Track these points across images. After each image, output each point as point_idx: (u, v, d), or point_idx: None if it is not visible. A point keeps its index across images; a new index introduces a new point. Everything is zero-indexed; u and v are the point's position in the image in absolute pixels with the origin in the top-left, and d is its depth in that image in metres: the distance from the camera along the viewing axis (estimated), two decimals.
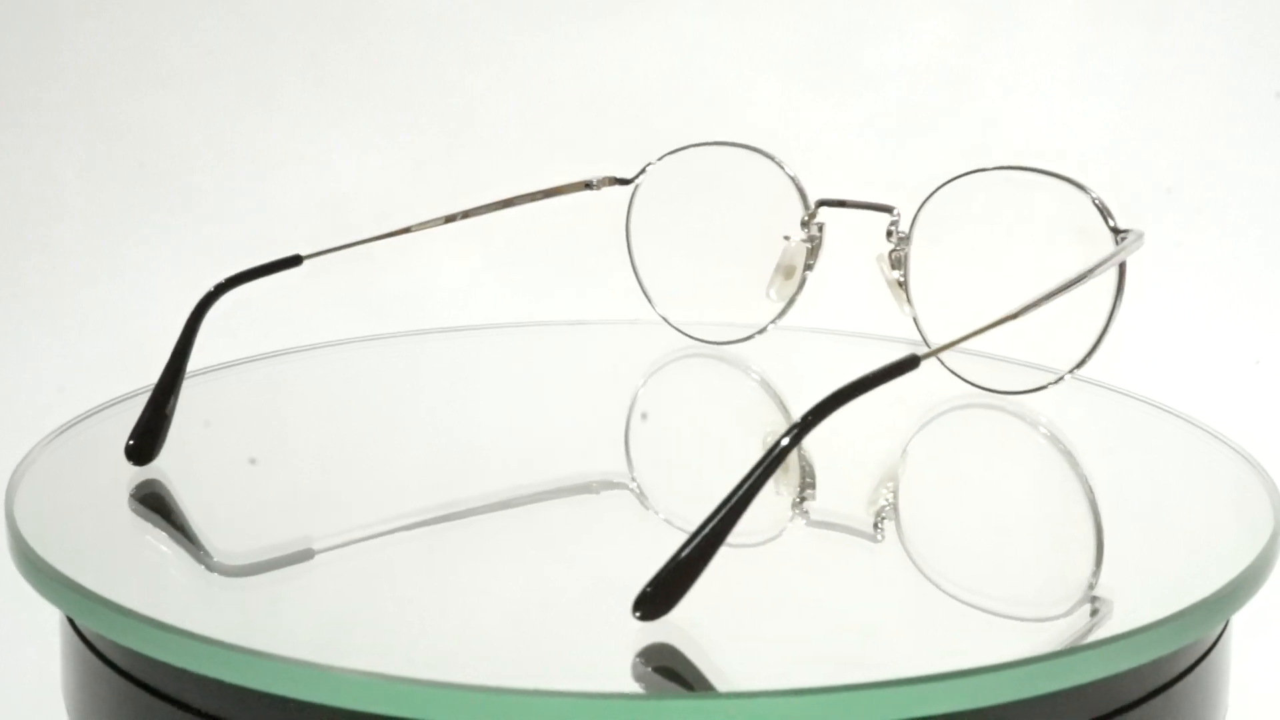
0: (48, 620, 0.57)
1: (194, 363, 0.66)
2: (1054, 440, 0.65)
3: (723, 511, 0.48)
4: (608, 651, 0.50)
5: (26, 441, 0.61)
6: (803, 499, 0.60)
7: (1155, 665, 0.50)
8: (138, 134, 1.08)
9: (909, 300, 0.66)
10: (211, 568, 0.55)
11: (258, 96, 1.07)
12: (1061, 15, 1.04)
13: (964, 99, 1.04)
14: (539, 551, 0.57)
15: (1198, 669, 0.52)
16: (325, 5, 1.08)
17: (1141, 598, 0.53)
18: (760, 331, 0.71)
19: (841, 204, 0.69)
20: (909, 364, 0.51)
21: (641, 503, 0.62)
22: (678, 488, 0.63)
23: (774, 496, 0.60)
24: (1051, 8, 1.04)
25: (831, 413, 0.49)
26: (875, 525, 0.58)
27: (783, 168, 0.70)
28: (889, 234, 0.67)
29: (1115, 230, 0.61)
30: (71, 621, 0.53)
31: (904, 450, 0.65)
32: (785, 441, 0.48)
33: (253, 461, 0.65)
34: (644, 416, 0.70)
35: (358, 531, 0.58)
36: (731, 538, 0.47)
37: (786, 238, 0.70)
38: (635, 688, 0.46)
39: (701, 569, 0.48)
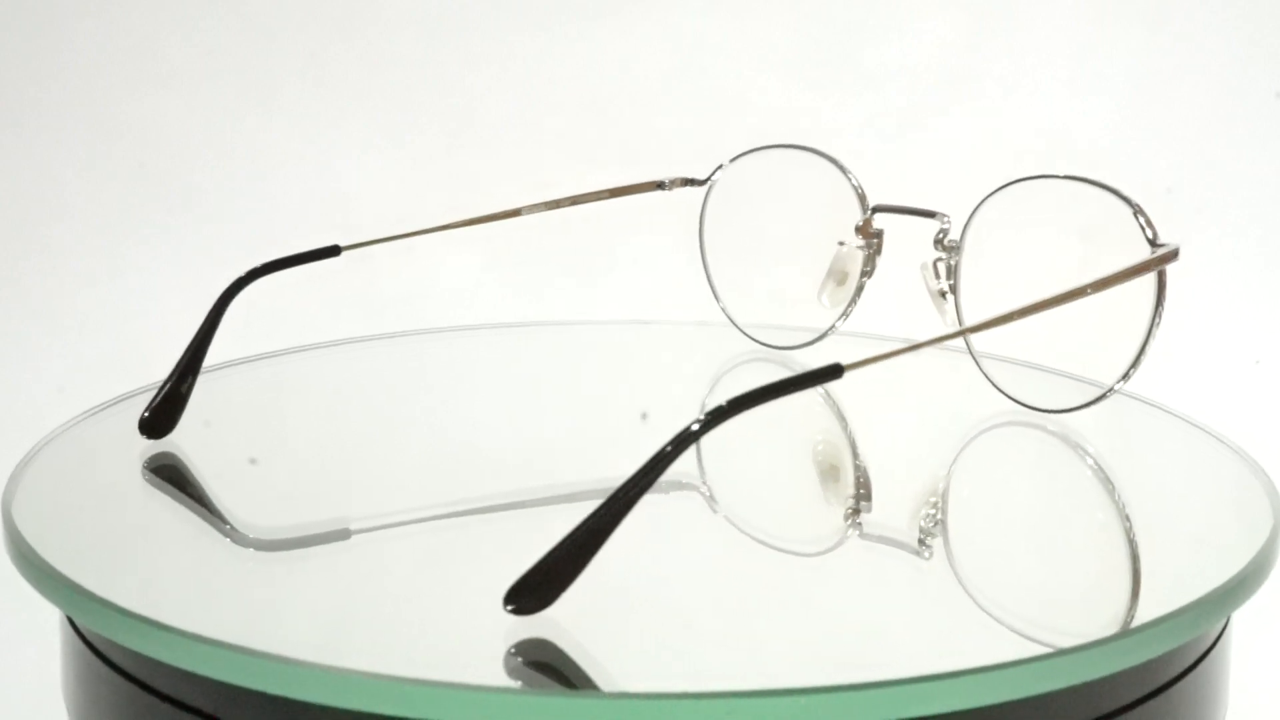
0: (48, 620, 0.57)
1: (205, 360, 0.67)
2: (1091, 459, 0.64)
3: (608, 507, 0.48)
4: (605, 651, 0.50)
5: (26, 441, 0.61)
6: (856, 510, 0.60)
7: (1155, 665, 0.50)
8: (138, 134, 1.08)
9: (958, 310, 0.65)
10: (211, 568, 0.55)
11: (258, 96, 1.07)
12: (1061, 15, 1.04)
13: (964, 99, 1.04)
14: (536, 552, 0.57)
15: (1198, 669, 0.52)
16: (325, 5, 1.08)
17: (1141, 596, 0.53)
18: (820, 337, 0.71)
19: (896, 210, 0.68)
20: (832, 373, 0.51)
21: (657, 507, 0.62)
22: (731, 494, 0.62)
23: (825, 507, 0.60)
24: (1051, 8, 1.04)
25: (736, 415, 0.48)
26: (921, 542, 0.58)
27: (845, 172, 0.70)
28: (937, 241, 0.66)
29: (1152, 243, 0.60)
30: (71, 621, 0.53)
31: (947, 467, 0.65)
32: (669, 449, 0.48)
33: (253, 461, 0.65)
34: (644, 416, 0.70)
35: (357, 531, 0.58)
36: (787, 545, 0.48)
37: (841, 243, 0.69)
38: (633, 687, 0.46)
39: (583, 564, 0.47)
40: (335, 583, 0.54)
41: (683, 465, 0.63)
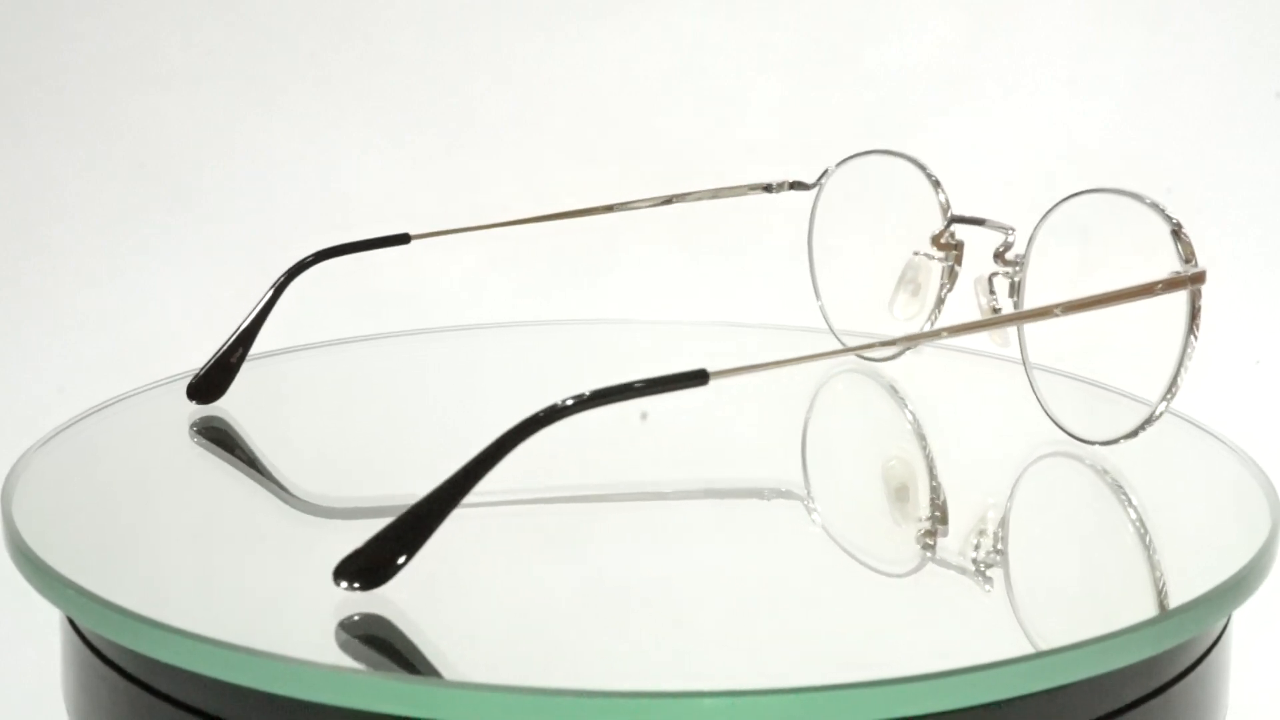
0: (48, 620, 0.57)
1: (202, 359, 0.66)
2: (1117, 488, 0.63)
3: (443, 490, 0.48)
4: (599, 649, 0.50)
5: (26, 441, 0.61)
6: (932, 532, 0.59)
7: (1156, 664, 0.50)
8: (138, 134, 1.07)
9: (1020, 332, 0.63)
10: (212, 567, 0.55)
11: (258, 96, 1.07)
12: (1061, 15, 1.04)
13: (964, 99, 1.04)
14: (543, 552, 0.57)
15: (1198, 669, 0.52)
16: (325, 5, 1.08)
17: (1141, 595, 0.53)
18: (907, 348, 0.69)
19: (972, 221, 0.66)
20: (697, 378, 0.51)
21: (659, 508, 0.62)
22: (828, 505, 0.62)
23: (896, 528, 0.60)
24: (1051, 8, 1.04)
25: (592, 408, 0.49)
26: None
27: (933, 182, 0.68)
28: (998, 255, 0.64)
29: (1186, 261, 0.59)
30: (71, 621, 0.53)
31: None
32: (509, 436, 0.49)
33: (253, 462, 0.65)
34: (644, 416, 0.70)
35: (357, 531, 0.58)
36: (872, 562, 0.48)
37: (916, 253, 0.68)
38: (630, 686, 0.46)
39: (415, 545, 0.48)
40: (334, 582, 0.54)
41: (784, 472, 0.63)
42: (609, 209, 0.71)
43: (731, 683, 0.45)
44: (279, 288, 0.66)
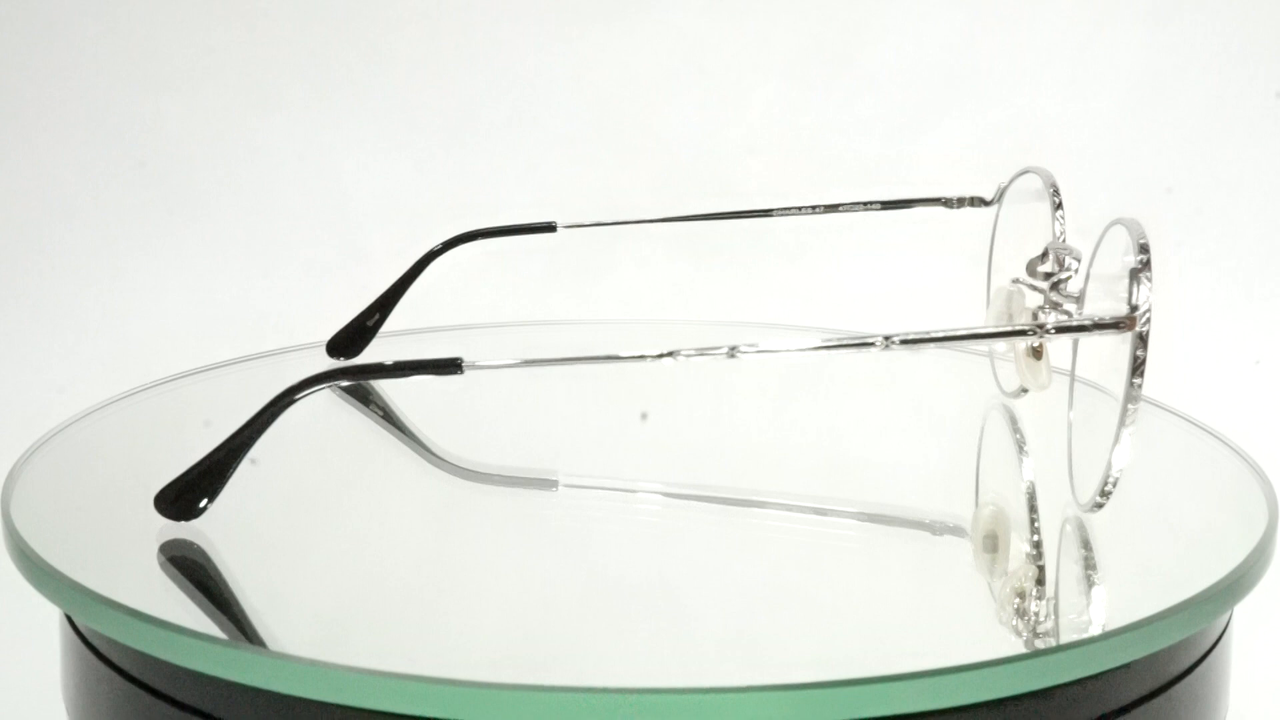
0: (48, 620, 0.57)
1: (202, 359, 0.67)
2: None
3: (229, 440, 0.54)
4: (592, 646, 0.50)
5: (26, 441, 0.61)
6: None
7: (1156, 664, 0.50)
8: (138, 134, 1.08)
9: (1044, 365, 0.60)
10: (211, 566, 0.55)
11: (258, 96, 1.07)
12: (1061, 15, 1.04)
13: (964, 99, 1.04)
14: (534, 551, 0.57)
15: (1199, 668, 0.52)
16: (325, 5, 1.08)
17: (1140, 593, 0.53)
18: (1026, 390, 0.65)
19: (1066, 255, 0.60)
20: (451, 366, 0.53)
21: (671, 506, 0.62)
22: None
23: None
24: (1051, 7, 1.04)
25: (348, 381, 0.54)
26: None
27: (1055, 205, 0.63)
28: (1054, 287, 0.59)
29: (1132, 307, 0.54)
30: (71, 621, 0.53)
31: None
32: (275, 403, 0.53)
33: (253, 462, 0.65)
34: (644, 416, 0.70)
35: (355, 531, 0.58)
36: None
37: (1016, 281, 0.62)
38: (627, 684, 0.46)
39: (218, 485, 0.54)
40: (333, 580, 0.54)
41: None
42: (767, 213, 0.69)
43: (731, 681, 0.45)
44: (423, 261, 0.68)
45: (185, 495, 0.54)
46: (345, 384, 0.54)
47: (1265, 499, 0.57)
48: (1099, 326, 0.54)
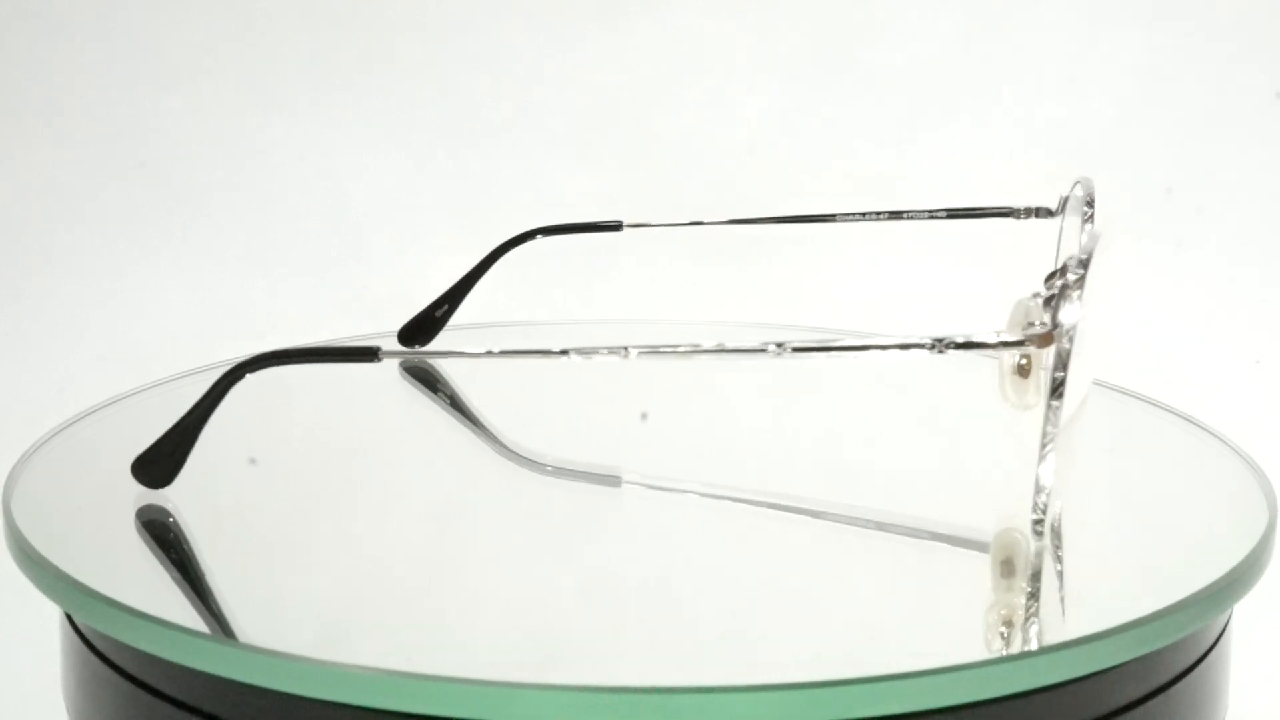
0: (48, 620, 0.57)
1: (202, 359, 0.66)
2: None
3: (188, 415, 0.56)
4: (588, 645, 0.50)
5: (26, 441, 0.61)
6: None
7: (1156, 663, 0.50)
8: (138, 134, 1.08)
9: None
10: (211, 566, 0.55)
11: (258, 96, 1.07)
12: (1061, 14, 1.04)
13: (964, 98, 1.04)
14: (539, 553, 0.57)
15: (1198, 669, 0.52)
16: (326, 5, 1.08)
17: (1140, 593, 0.53)
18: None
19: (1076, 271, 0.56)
20: (368, 354, 0.55)
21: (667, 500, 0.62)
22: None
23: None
24: (1051, 7, 1.04)
25: (266, 367, 0.55)
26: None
27: (1086, 217, 0.61)
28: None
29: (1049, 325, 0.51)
30: (71, 620, 0.53)
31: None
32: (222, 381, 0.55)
33: (252, 462, 0.65)
34: (644, 416, 0.70)
35: (356, 530, 0.58)
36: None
37: (1036, 295, 0.56)
38: (626, 682, 0.46)
39: (182, 451, 0.56)
40: (334, 580, 0.54)
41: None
42: (830, 218, 0.69)
43: (730, 681, 0.45)
44: (493, 256, 0.69)
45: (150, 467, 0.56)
46: (266, 368, 0.55)
47: (1265, 499, 0.57)
48: (1005, 345, 0.50)
